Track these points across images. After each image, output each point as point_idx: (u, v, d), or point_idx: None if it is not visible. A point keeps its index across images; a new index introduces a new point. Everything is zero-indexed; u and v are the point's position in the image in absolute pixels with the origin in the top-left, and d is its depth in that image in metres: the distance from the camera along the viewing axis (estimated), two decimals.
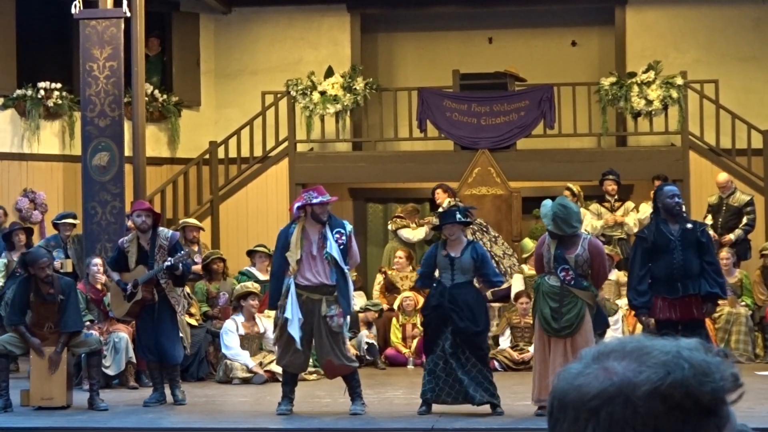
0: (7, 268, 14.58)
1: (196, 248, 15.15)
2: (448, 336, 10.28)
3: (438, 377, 10.30)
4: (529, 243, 15.33)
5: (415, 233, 16.13)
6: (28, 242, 14.82)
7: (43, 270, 10.99)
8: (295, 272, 10.39)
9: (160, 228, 11.74)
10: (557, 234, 10.00)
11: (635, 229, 15.46)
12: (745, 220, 15.60)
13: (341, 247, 10.40)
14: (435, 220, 15.83)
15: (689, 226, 10.58)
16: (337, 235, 10.43)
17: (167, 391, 11.51)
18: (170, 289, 11.50)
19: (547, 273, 10.13)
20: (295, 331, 10.34)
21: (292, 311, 10.34)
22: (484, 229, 15.62)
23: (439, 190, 15.98)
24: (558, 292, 10.01)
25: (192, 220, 15.92)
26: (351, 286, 10.53)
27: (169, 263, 11.36)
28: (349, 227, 10.66)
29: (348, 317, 10.60)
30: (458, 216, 10.63)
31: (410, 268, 15.40)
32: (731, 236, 15.41)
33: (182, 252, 11.80)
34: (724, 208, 15.68)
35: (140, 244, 11.53)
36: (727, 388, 1.48)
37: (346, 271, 10.41)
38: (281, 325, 10.55)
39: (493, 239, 15.61)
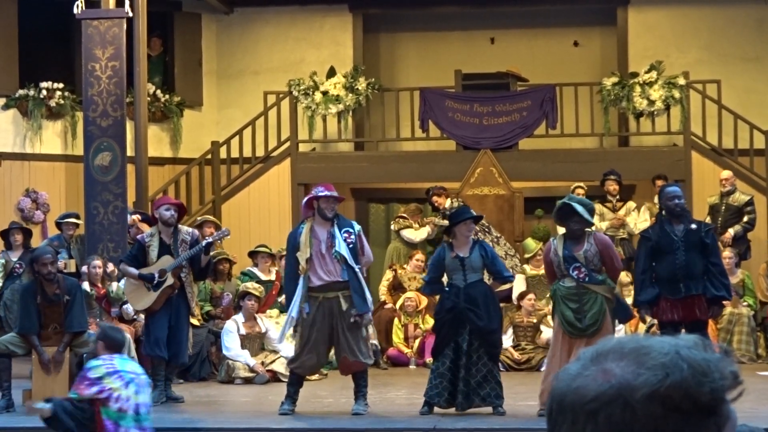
0: (5, 268, 14.58)
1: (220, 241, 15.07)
2: (465, 337, 10.26)
3: (449, 380, 10.28)
4: (531, 243, 15.32)
5: (418, 233, 16.13)
6: (25, 243, 14.82)
7: (45, 266, 10.99)
8: (306, 271, 10.40)
9: (181, 225, 11.84)
10: (574, 228, 10.00)
11: (636, 230, 15.50)
12: (745, 218, 15.62)
13: (350, 246, 10.40)
14: (438, 221, 15.84)
15: (693, 226, 10.58)
16: (345, 234, 10.44)
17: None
18: (188, 283, 11.57)
19: (561, 277, 10.11)
20: (287, 325, 10.46)
21: (291, 309, 10.38)
22: (486, 229, 15.62)
23: (435, 196, 15.98)
24: (575, 292, 9.99)
25: (210, 217, 15.97)
26: (364, 283, 10.51)
27: (208, 240, 11.50)
28: (357, 227, 10.68)
29: (369, 314, 10.59)
30: (473, 212, 10.77)
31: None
32: (730, 231, 15.42)
33: (221, 231, 12.08)
34: (723, 207, 15.71)
35: (162, 239, 11.58)
36: (727, 386, 1.48)
37: (357, 269, 10.41)
38: (300, 326, 10.54)
39: (495, 240, 15.61)
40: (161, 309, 11.49)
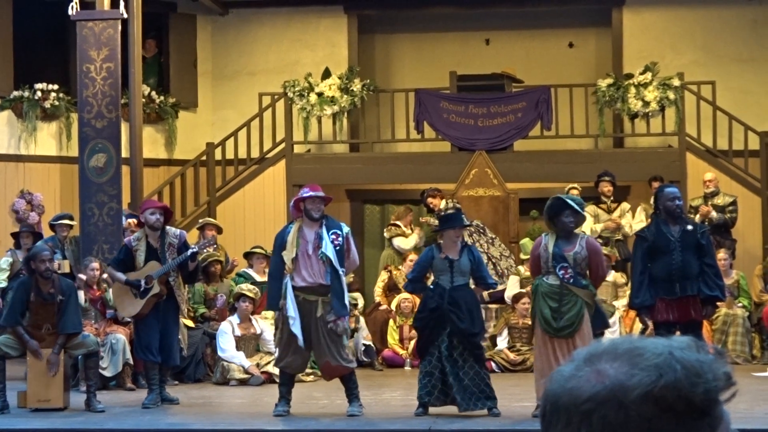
0: (12, 267, 14.57)
1: (212, 249, 15.02)
2: (444, 338, 10.29)
3: (437, 378, 10.31)
4: (528, 244, 15.29)
5: (408, 242, 16.14)
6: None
7: (43, 263, 10.99)
8: (291, 271, 10.40)
9: (168, 227, 11.75)
10: (567, 222, 10.03)
11: (630, 232, 15.51)
12: (727, 215, 15.67)
13: (337, 248, 10.40)
14: (432, 220, 15.84)
15: (689, 227, 10.60)
16: (333, 236, 10.44)
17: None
18: (177, 286, 11.52)
19: (545, 273, 10.12)
20: (297, 329, 10.35)
21: (294, 310, 10.35)
22: (481, 230, 15.62)
23: (430, 198, 15.98)
24: (557, 291, 10.00)
25: (212, 220, 15.99)
26: (345, 287, 10.51)
27: (194, 249, 11.42)
28: (346, 229, 10.67)
29: (345, 318, 10.58)
30: (464, 219, 10.79)
31: None
32: (713, 212, 15.43)
33: (208, 239, 11.98)
34: None
35: (149, 243, 11.52)
36: (720, 387, 1.48)
37: (341, 272, 10.41)
38: (282, 325, 10.55)
39: (490, 241, 15.61)
40: (150, 314, 11.45)
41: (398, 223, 16.34)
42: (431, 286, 10.60)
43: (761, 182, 16.66)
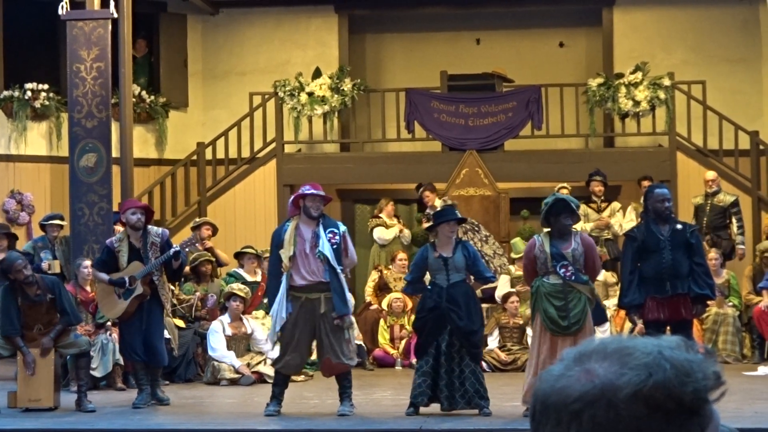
0: None
1: (201, 247, 14.99)
2: (445, 336, 10.28)
3: (433, 379, 10.30)
4: (519, 243, 15.29)
5: (388, 232, 16.18)
6: (10, 247, 14.76)
7: (20, 272, 10.92)
8: (288, 269, 10.38)
9: (150, 226, 11.69)
10: (567, 224, 10.05)
11: (620, 231, 15.53)
12: (735, 221, 15.68)
13: (334, 246, 10.39)
14: (420, 227, 15.85)
15: (679, 227, 10.63)
16: (330, 235, 10.43)
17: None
18: (161, 286, 11.47)
19: (545, 273, 10.12)
20: (276, 324, 10.39)
21: (285, 311, 10.34)
22: (476, 228, 15.63)
23: (427, 192, 16.00)
24: (561, 289, 10.01)
25: (208, 219, 16.00)
26: (345, 285, 10.51)
27: (176, 248, 11.35)
28: (342, 228, 10.66)
29: (349, 315, 10.58)
30: (458, 213, 10.80)
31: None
32: (742, 247, 15.54)
33: (190, 238, 11.96)
34: (708, 208, 15.76)
35: (131, 243, 11.45)
36: (710, 387, 1.48)
37: (339, 270, 10.40)
38: (284, 325, 10.53)
39: (484, 239, 15.62)
40: (133, 314, 11.40)
41: (381, 215, 16.38)
42: (429, 286, 10.60)
43: (751, 182, 16.69)
